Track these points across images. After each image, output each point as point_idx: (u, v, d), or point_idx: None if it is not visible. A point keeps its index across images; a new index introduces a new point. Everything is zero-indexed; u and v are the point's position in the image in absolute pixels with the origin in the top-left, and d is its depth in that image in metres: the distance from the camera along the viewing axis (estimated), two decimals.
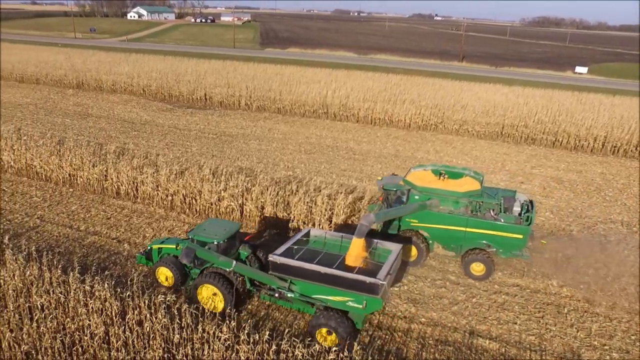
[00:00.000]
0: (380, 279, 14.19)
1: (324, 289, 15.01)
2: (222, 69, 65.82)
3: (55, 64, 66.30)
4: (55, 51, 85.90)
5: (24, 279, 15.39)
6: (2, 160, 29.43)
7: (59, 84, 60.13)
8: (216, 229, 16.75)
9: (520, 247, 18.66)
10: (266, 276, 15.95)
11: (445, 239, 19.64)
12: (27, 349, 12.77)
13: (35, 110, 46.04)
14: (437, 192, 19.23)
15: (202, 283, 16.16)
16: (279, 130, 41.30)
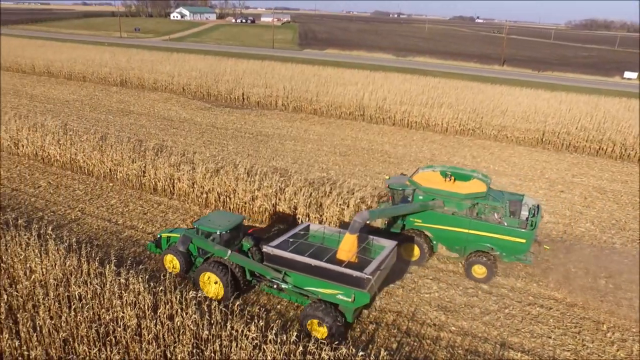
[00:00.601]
0: (366, 273, 14.47)
1: (315, 282, 15.37)
2: (260, 69, 66.58)
3: (101, 63, 68.59)
4: (101, 50, 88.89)
5: (64, 269, 15.99)
6: (50, 154, 30.69)
7: (104, 82, 62.21)
8: (220, 220, 17.44)
9: (523, 251, 18.55)
10: (261, 267, 16.52)
11: (448, 240, 19.70)
12: (65, 336, 13.22)
13: (81, 106, 47.78)
14: (440, 193, 19.31)
15: (204, 271, 16.84)
16: (314, 132, 41.43)
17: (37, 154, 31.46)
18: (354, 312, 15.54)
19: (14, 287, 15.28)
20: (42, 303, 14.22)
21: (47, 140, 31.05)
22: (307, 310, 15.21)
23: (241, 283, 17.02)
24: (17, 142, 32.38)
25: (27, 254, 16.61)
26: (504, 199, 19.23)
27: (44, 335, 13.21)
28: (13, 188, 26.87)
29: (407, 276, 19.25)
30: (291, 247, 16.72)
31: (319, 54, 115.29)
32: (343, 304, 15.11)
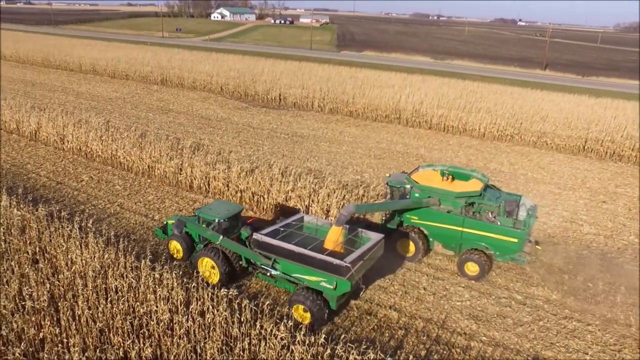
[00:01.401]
0: (345, 262, 15.02)
1: (301, 269, 16.01)
2: (297, 70, 67.01)
3: (143, 61, 70.56)
4: (144, 49, 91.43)
5: (103, 261, 16.54)
6: (92, 149, 31.78)
7: (145, 80, 63.95)
8: (220, 209, 18.66)
9: (515, 251, 18.79)
10: (251, 253, 17.29)
11: (443, 238, 20.07)
12: (101, 327, 13.66)
13: (122, 104, 49.28)
14: (435, 191, 19.64)
15: (202, 256, 17.79)
16: (349, 134, 41.39)
17: (81, 150, 32.64)
18: (337, 299, 15.95)
19: (56, 276, 15.91)
20: (81, 293, 14.76)
21: (91, 136, 32.18)
22: (293, 296, 15.98)
23: (237, 269, 17.86)
24: (63, 137, 33.67)
25: (68, 245, 17.27)
26: (500, 199, 19.35)
27: (82, 324, 13.69)
28: (58, 181, 27.96)
29: (438, 283, 19.00)
30: (281, 235, 17.42)
31: (356, 55, 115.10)
32: (326, 291, 15.66)
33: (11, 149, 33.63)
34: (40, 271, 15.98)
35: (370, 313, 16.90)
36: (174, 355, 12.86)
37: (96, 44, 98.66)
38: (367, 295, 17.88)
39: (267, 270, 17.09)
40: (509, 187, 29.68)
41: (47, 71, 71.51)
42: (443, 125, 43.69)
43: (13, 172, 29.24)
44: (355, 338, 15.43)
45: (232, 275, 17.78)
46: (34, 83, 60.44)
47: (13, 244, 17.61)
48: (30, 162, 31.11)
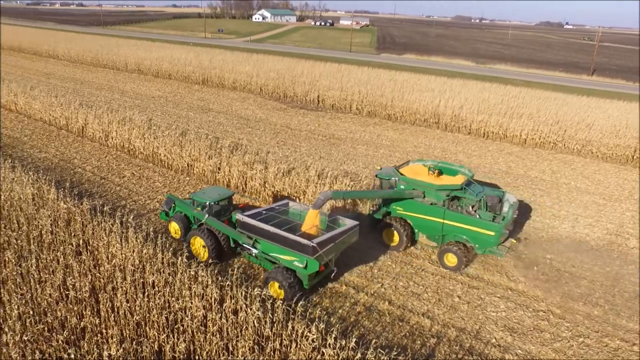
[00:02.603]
0: (312, 242, 16.07)
1: (278, 249, 17.15)
2: (336, 72, 67.08)
3: (186, 62, 72.17)
4: (186, 49, 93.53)
5: (141, 256, 17.01)
6: (135, 146, 32.76)
7: (187, 80, 65.45)
8: (212, 193, 20.42)
9: (492, 244, 19.36)
10: (234, 232, 18.66)
11: (426, 229, 20.86)
12: (138, 320, 14.04)
13: (165, 103, 50.58)
14: (418, 183, 20.51)
15: (195, 235, 19.39)
16: (387, 137, 41.12)
17: (124, 146, 33.70)
18: (309, 279, 16.95)
19: (97, 268, 16.48)
20: (120, 286, 15.22)
21: (134, 133, 33.17)
22: (269, 273, 17.17)
23: (225, 248, 19.31)
24: (108, 134, 34.86)
25: (109, 239, 17.84)
26: (482, 194, 19.95)
27: (120, 316, 14.13)
28: (102, 176, 28.95)
29: (473, 292, 18.62)
30: (262, 217, 18.60)
31: (396, 58, 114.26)
32: (298, 270, 16.73)
33: (60, 144, 35.07)
34: (83, 263, 16.57)
35: (402, 319, 16.73)
36: (207, 352, 13.09)
37: (142, 44, 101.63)
38: (400, 302, 17.73)
39: (250, 249, 18.29)
40: (550, 196, 28.83)
41: (95, 70, 74.28)
42: (483, 131, 42.81)
43: (61, 166, 30.47)
44: (387, 344, 15.30)
45: (220, 254, 19.31)
46: (83, 81, 62.87)
47: (59, 235, 18.34)
48: (77, 157, 32.35)
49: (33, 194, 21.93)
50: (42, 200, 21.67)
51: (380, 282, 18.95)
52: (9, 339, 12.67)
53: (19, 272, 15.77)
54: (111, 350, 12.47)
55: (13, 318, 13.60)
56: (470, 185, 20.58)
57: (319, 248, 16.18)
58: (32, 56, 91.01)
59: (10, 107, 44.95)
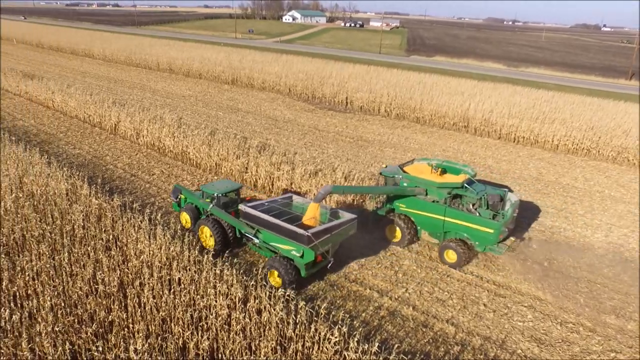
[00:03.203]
0: (308, 232, 16.72)
1: (277, 238, 17.83)
2: (365, 74, 66.88)
3: (216, 62, 73.16)
4: (217, 49, 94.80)
5: (168, 253, 17.31)
6: (165, 145, 33.36)
7: (217, 80, 66.33)
8: (221, 186, 21.36)
9: (491, 241, 19.70)
10: (236, 221, 19.50)
11: (428, 226, 21.28)
12: (163, 316, 14.28)
13: (195, 102, 51.37)
14: (420, 181, 20.97)
15: (202, 224, 20.21)
16: (415, 140, 40.78)
17: (154, 144, 34.36)
18: (306, 268, 17.47)
19: (126, 264, 16.84)
20: (147, 282, 15.51)
21: (164, 132, 33.80)
22: (269, 262, 17.78)
23: (230, 238, 20.08)
24: (139, 132, 35.61)
25: (138, 235, 18.22)
26: (484, 192, 20.22)
27: (146, 311, 14.39)
28: (132, 174, 29.58)
29: (499, 300, 18.28)
30: (264, 208, 19.30)
31: (426, 60, 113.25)
32: (296, 260, 17.36)
33: (93, 141, 36.01)
34: (112, 258, 16.96)
35: (426, 325, 16.56)
36: (230, 350, 13.22)
37: (174, 44, 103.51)
38: (424, 307, 17.55)
39: (252, 239, 19.02)
40: (582, 205, 28.09)
41: (128, 69, 76.04)
42: (513, 136, 42.01)
43: (94, 163, 31.28)
44: (409, 350, 15.16)
45: (226, 244, 20.04)
46: (116, 80, 64.43)
47: (90, 230, 18.82)
48: (109, 154, 33.16)
49: (67, 190, 22.58)
50: (75, 196, 22.29)
51: (404, 287, 18.80)
52: (42, 329, 13.07)
53: (52, 265, 16.25)
54: (137, 344, 12.70)
55: (46, 309, 14.01)
56: (472, 184, 20.86)
57: (314, 238, 16.80)
58: (70, 55, 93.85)
59: (48, 104, 46.41)
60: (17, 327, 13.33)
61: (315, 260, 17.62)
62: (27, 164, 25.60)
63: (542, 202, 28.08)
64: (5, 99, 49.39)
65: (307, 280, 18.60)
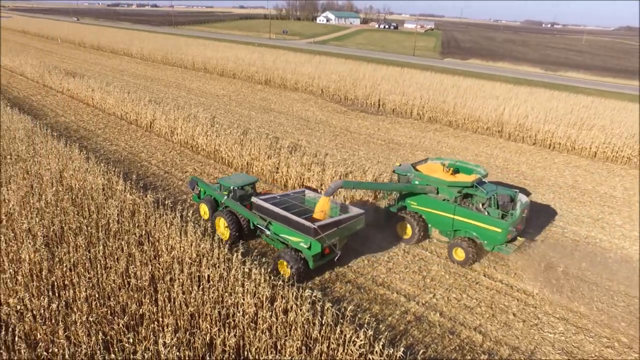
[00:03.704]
0: (314, 225, 17.18)
1: (287, 230, 18.32)
2: (398, 76, 66.50)
3: (250, 62, 74.04)
4: (251, 50, 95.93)
5: (199, 250, 17.66)
6: (198, 143, 33.97)
7: (250, 80, 67.10)
8: (237, 179, 22.14)
9: (499, 241, 19.84)
10: (249, 213, 20.10)
11: (438, 224, 21.63)
12: (192, 311, 14.57)
13: (228, 101, 52.12)
14: (431, 179, 21.38)
15: (219, 216, 20.96)
16: (447, 144, 40.29)
17: (188, 142, 35.05)
18: (313, 259, 17.96)
19: (157, 259, 17.25)
20: (177, 278, 15.85)
21: (197, 130, 34.42)
22: (279, 253, 18.36)
23: (245, 230, 20.66)
24: (173, 130, 36.39)
25: (170, 232, 18.64)
26: (494, 192, 20.51)
27: (176, 306, 14.72)
28: (165, 171, 30.26)
29: (529, 310, 17.88)
30: (276, 201, 19.85)
31: (460, 63, 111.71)
32: (304, 251, 17.85)
33: (129, 138, 37.00)
34: (145, 253, 17.42)
35: (453, 332, 16.37)
36: (255, 348, 13.38)
37: (209, 44, 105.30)
38: (452, 314, 17.35)
39: (264, 230, 19.51)
40: (620, 215, 27.20)
41: (165, 68, 77.77)
42: (549, 142, 40.99)
43: (130, 159, 32.14)
44: (435, 356, 15.02)
45: (240, 235, 20.60)
46: (153, 79, 65.99)
47: (124, 225, 19.36)
48: (144, 151, 34.00)
49: (103, 185, 23.30)
50: (111, 191, 22.97)
51: (432, 293, 18.62)
52: (77, 318, 13.55)
53: (87, 257, 16.81)
54: (166, 338, 13.00)
55: (81, 299, 14.53)
56: (483, 184, 21.21)
57: (320, 230, 17.25)
58: (109, 54, 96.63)
59: (88, 101, 47.94)
60: (55, 315, 13.86)
61: (323, 253, 18.09)
62: (67, 159, 26.54)
63: (577, 211, 27.34)
64: (49, 96, 51.31)
65: (333, 281, 18.68)
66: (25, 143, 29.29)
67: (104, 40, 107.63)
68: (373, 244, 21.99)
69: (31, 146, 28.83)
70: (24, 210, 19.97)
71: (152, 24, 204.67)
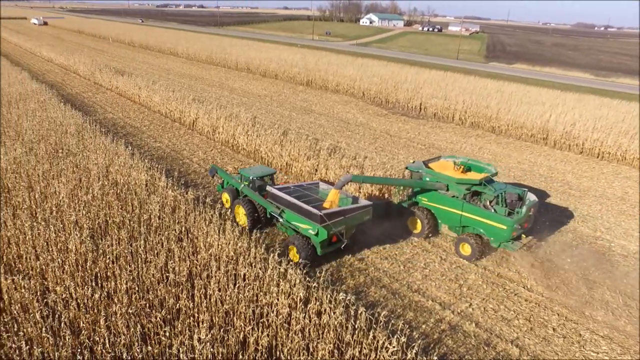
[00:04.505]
0: (320, 212, 18.27)
1: (297, 218, 19.42)
2: (441, 80, 65.50)
3: (292, 63, 74.59)
4: (294, 51, 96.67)
5: (236, 249, 17.94)
6: (238, 142, 34.51)
7: (292, 81, 67.62)
8: (257, 170, 23.68)
9: (504, 237, 20.30)
10: (264, 201, 21.35)
11: (447, 220, 22.38)
12: (227, 309, 14.81)
13: (269, 102, 52.71)
14: (440, 176, 22.09)
15: (238, 204, 22.25)
16: (489, 150, 39.39)
17: (229, 142, 35.66)
18: (321, 246, 19.06)
19: (195, 256, 17.64)
20: (214, 275, 16.17)
21: (238, 130, 34.98)
22: (290, 239, 19.52)
23: (261, 218, 21.92)
24: (215, 129, 37.12)
25: (208, 229, 19.02)
26: (503, 190, 21.03)
27: (211, 303, 15.00)
28: (206, 169, 30.87)
29: (571, 325, 17.24)
30: (289, 191, 20.99)
31: (505, 68, 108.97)
32: (312, 238, 18.91)
33: (172, 136, 37.99)
34: (183, 249, 17.85)
35: (488, 344, 15.98)
36: (288, 349, 13.46)
37: (252, 45, 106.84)
38: (488, 325, 16.93)
39: (277, 218, 20.62)
40: None
41: (209, 67, 79.44)
42: (597, 151, 39.38)
43: (172, 156, 33.00)
44: None
45: (257, 222, 21.82)
46: (197, 78, 67.53)
47: (165, 221, 19.91)
48: (186, 148, 34.83)
49: (146, 181, 24.03)
50: (154, 187, 23.66)
51: (468, 302, 18.24)
52: (118, 309, 14.02)
53: (129, 251, 17.37)
54: (201, 334, 13.28)
55: (122, 291, 15.03)
56: (492, 182, 21.85)
57: (326, 218, 18.26)
58: (157, 53, 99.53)
59: (135, 99, 49.56)
60: (97, 305, 14.40)
61: (331, 240, 19.23)
62: (114, 154, 27.52)
63: (626, 224, 26.17)
64: (99, 93, 53.38)
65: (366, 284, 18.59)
66: (76, 138, 30.58)
67: (152, 40, 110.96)
68: (409, 249, 21.76)
69: (81, 141, 30.07)
70: (72, 202, 20.83)
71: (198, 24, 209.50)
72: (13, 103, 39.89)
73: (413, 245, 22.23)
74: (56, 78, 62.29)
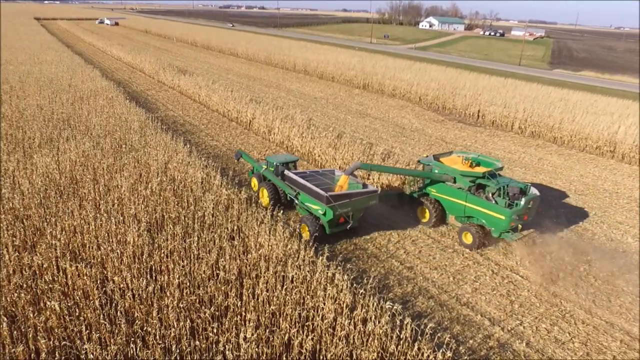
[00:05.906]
0: (327, 194, 20.17)
1: (309, 199, 21.42)
2: (501, 87, 63.48)
3: (349, 66, 74.62)
4: (351, 54, 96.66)
5: (285, 250, 18.14)
6: (293, 144, 34.90)
7: (349, 84, 67.65)
8: (281, 157, 25.67)
9: (503, 227, 21.48)
10: (282, 183, 23.60)
11: (453, 210, 23.77)
12: (273, 310, 15.00)
13: (325, 104, 52.99)
14: (447, 169, 23.51)
15: (262, 186, 24.96)
16: (550, 162, 37.78)
17: (283, 142, 36.15)
18: (329, 225, 21.05)
19: (246, 255, 17.99)
20: (262, 275, 16.43)
21: (294, 132, 35.38)
22: (302, 218, 21.64)
23: (282, 199, 24.35)
24: (271, 129, 37.74)
25: (259, 230, 19.36)
26: (506, 184, 22.09)
27: (259, 303, 15.24)
28: None
29: (633, 355, 16.21)
30: (303, 175, 23.24)
31: (571, 75, 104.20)
32: (321, 218, 20.90)
33: (229, 135, 38.98)
34: (234, 247, 18.24)
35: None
36: (331, 355, 13.46)
37: (310, 46, 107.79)
38: (539, 345, 16.22)
39: (294, 199, 22.86)
40: None
41: (267, 68, 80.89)
42: None
43: (228, 155, 33.84)
44: None
45: (277, 203, 24.09)
46: (255, 78, 68.94)
47: (218, 219, 20.44)
48: (241, 148, 35.59)
49: (202, 178, 24.76)
50: (209, 185, 24.34)
51: (519, 320, 17.57)
52: (169, 303, 14.54)
53: (183, 246, 17.96)
54: (247, 333, 13.52)
55: (174, 285, 15.56)
56: (497, 176, 23.08)
57: (332, 199, 20.12)
58: (217, 53, 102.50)
59: (195, 98, 51.25)
60: (151, 297, 14.98)
61: (338, 221, 21.08)
62: (173, 152, 28.56)
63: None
64: (161, 91, 55.63)
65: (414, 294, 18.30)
66: (138, 134, 31.99)
67: (214, 41, 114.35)
68: (460, 260, 21.26)
69: (143, 137, 31.42)
70: (132, 196, 21.79)
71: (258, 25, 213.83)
72: (85, 99, 42.23)
73: (464, 257, 21.70)
74: (123, 76, 65.47)
